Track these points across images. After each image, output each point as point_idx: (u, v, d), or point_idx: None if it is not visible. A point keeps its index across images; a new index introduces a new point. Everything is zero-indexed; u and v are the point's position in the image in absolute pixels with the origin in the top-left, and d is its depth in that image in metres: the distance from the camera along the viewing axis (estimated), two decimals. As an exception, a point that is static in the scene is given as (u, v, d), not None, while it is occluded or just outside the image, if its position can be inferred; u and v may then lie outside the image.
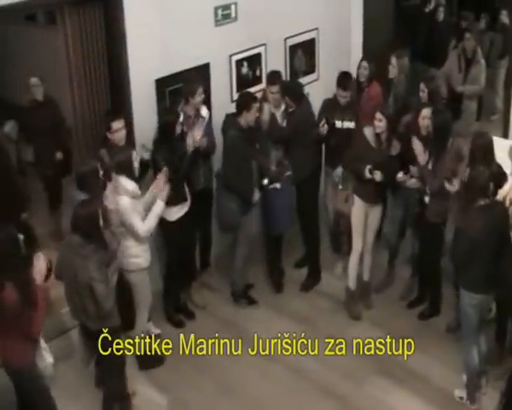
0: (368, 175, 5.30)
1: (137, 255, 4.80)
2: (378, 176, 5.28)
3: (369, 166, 5.31)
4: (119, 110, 5.20)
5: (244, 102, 5.38)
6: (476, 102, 7.57)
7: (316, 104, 5.92)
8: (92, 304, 4.10)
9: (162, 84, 5.53)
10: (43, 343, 4.16)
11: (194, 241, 5.74)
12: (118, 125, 4.99)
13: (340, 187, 5.67)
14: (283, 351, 5.29)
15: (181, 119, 5.14)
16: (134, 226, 4.67)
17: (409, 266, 5.93)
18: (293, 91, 5.67)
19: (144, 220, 4.73)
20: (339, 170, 5.73)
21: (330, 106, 5.77)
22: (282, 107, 5.70)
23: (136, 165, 4.70)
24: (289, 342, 5.42)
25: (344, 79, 5.73)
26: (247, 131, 5.34)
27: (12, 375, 4.09)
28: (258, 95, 5.77)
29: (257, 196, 5.53)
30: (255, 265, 6.13)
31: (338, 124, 5.77)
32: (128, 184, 4.69)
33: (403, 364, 5.20)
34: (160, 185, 4.84)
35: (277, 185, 5.55)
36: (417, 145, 5.12)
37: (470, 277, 4.45)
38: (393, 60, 5.77)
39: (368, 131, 5.37)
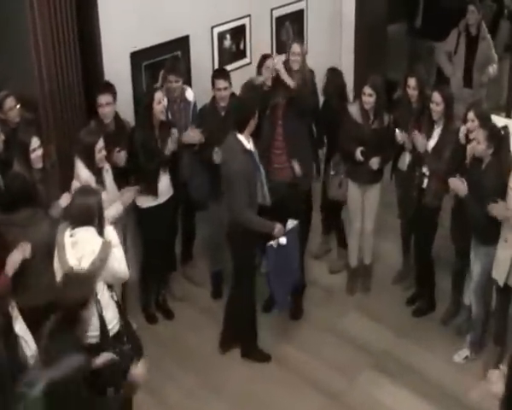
0: (359, 157, 5.45)
1: None
2: (375, 164, 5.47)
3: (360, 148, 5.45)
4: (109, 84, 5.27)
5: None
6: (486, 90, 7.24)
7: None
8: None
9: (138, 57, 5.63)
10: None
11: (174, 232, 5.83)
12: (102, 99, 5.07)
13: (332, 172, 5.80)
14: (273, 345, 5.43)
15: (164, 102, 5.17)
16: None
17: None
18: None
19: None
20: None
21: None
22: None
23: (99, 155, 4.66)
24: (278, 334, 5.57)
25: None
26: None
27: None
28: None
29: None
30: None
31: None
32: (82, 171, 4.68)
33: (398, 358, 5.38)
34: (126, 201, 4.91)
35: (283, 241, 4.87)
36: (417, 137, 5.30)
37: (491, 231, 4.76)
38: (412, 81, 5.43)
39: (352, 108, 5.51)
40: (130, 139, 5.20)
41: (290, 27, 6.79)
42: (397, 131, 5.37)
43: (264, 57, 5.63)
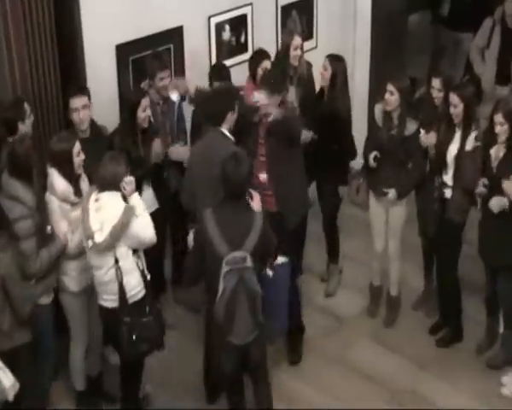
0: (371, 163, 5.28)
1: (66, 273, 4.62)
2: (391, 195, 5.30)
3: (374, 153, 5.27)
4: (83, 85, 5.14)
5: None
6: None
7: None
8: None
9: (124, 51, 5.44)
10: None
11: (161, 249, 5.58)
12: (78, 102, 4.88)
13: (354, 177, 5.74)
14: (273, 377, 5.08)
15: (148, 111, 5.01)
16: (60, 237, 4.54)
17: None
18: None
19: (73, 235, 4.53)
20: None
21: None
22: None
23: (77, 160, 4.49)
24: (281, 364, 5.37)
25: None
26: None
27: None
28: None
29: None
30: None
31: None
32: (59, 182, 4.49)
33: (419, 396, 5.17)
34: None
35: (269, 273, 4.62)
36: (425, 136, 5.16)
37: None
38: (437, 82, 5.25)
39: (377, 108, 5.37)
40: (109, 147, 4.96)
41: (297, 17, 6.63)
42: (421, 132, 5.17)
43: (261, 56, 5.52)
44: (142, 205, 4.38)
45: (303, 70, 5.69)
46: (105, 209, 4.23)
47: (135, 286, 4.34)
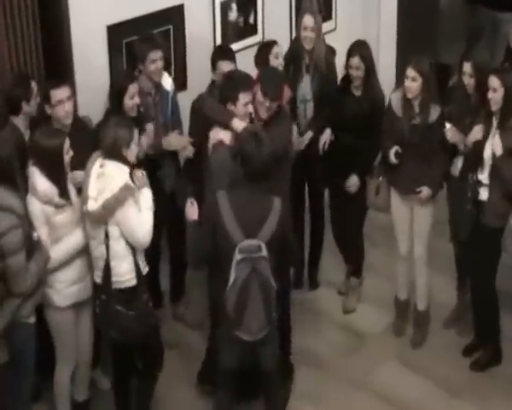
0: (393, 159, 5.09)
1: (50, 285, 4.36)
2: (424, 192, 5.08)
3: (395, 148, 5.06)
4: (64, 74, 4.91)
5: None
6: None
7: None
8: None
9: (117, 33, 5.19)
10: None
11: (156, 259, 5.41)
12: (61, 94, 4.59)
13: (372, 176, 5.51)
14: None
15: (136, 99, 4.79)
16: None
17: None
18: None
19: (57, 243, 4.29)
20: None
21: None
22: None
23: (67, 158, 4.29)
24: (295, 389, 5.10)
25: None
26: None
27: None
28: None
29: None
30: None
31: None
32: (41, 182, 4.26)
33: None
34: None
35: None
36: (451, 130, 4.95)
37: None
38: (468, 67, 5.03)
39: (394, 97, 5.18)
40: (96, 141, 4.65)
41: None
42: (447, 126, 4.98)
43: (268, 45, 5.28)
44: (150, 204, 4.29)
45: (320, 56, 5.35)
46: (106, 178, 4.16)
47: (123, 273, 4.24)
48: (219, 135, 4.57)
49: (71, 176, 4.44)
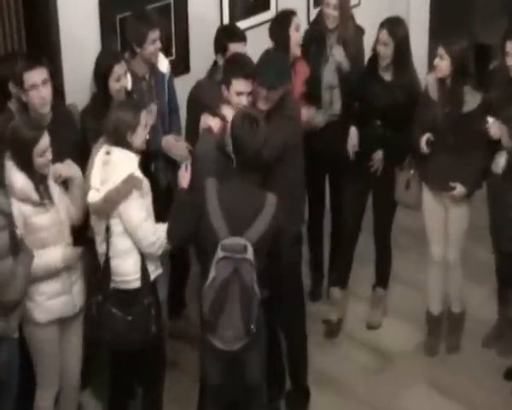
0: (423, 148, 4.86)
1: (30, 297, 4.06)
2: (458, 190, 4.84)
3: (427, 135, 4.84)
4: (38, 54, 4.53)
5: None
6: None
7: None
8: None
9: (110, 7, 4.90)
10: None
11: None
12: (36, 77, 4.23)
13: (402, 168, 5.28)
14: None
15: (129, 84, 4.57)
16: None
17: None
18: None
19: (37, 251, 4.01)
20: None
21: None
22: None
23: (42, 159, 3.98)
24: None
25: None
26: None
27: None
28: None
29: None
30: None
31: None
32: (17, 178, 3.99)
33: None
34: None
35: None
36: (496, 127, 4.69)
37: None
38: (510, 46, 4.82)
39: (430, 78, 4.97)
40: (82, 132, 4.51)
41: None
42: (489, 120, 4.70)
43: (286, 16, 5.01)
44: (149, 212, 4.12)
45: (346, 36, 5.08)
46: (111, 167, 4.02)
47: (125, 273, 4.08)
48: (208, 121, 4.39)
49: (52, 171, 4.13)
